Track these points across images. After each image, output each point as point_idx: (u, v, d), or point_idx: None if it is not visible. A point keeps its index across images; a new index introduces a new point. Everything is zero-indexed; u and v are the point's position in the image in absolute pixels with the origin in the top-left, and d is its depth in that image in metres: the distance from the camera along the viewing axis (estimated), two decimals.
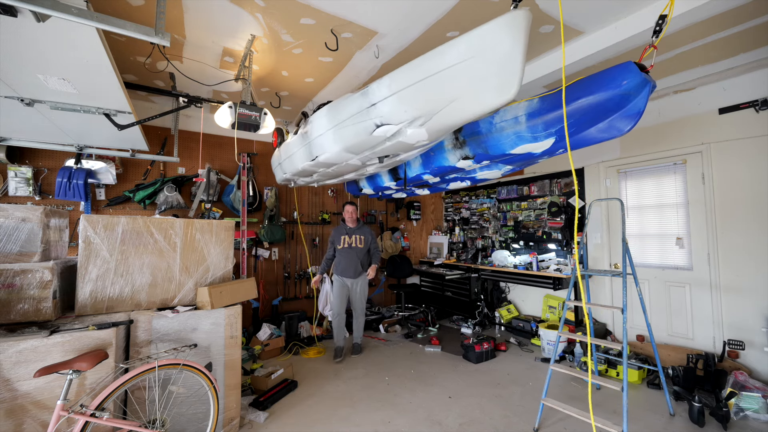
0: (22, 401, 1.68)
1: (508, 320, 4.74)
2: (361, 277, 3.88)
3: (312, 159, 2.68)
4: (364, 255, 3.88)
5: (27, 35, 1.44)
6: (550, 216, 4.56)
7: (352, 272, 3.79)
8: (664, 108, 3.53)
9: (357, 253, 3.83)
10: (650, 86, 1.71)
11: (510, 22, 1.35)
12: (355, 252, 3.82)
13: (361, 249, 3.85)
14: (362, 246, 3.85)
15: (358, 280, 3.86)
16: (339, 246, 3.83)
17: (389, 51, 2.74)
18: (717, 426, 2.45)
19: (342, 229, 3.88)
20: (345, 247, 3.81)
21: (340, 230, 3.89)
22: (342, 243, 3.82)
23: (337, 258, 3.88)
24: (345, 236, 3.83)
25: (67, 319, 2.02)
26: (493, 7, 2.20)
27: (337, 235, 3.87)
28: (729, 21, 2.29)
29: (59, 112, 2.18)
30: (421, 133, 1.90)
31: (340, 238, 3.84)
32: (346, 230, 3.86)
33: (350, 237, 3.82)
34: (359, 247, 3.84)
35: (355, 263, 3.80)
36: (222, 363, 2.32)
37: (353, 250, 3.81)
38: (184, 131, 4.05)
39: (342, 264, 3.82)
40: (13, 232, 1.96)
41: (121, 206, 3.77)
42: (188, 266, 2.40)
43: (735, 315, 3.08)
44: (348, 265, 3.79)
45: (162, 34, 1.59)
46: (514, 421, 2.55)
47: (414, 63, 1.69)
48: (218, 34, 2.52)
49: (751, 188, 3.00)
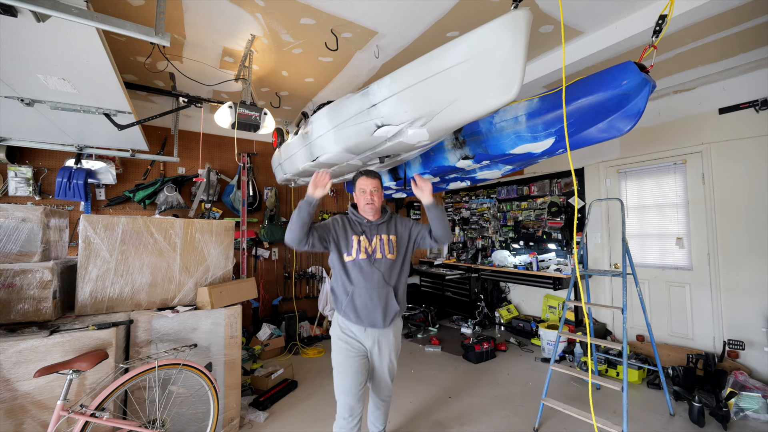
0: (22, 401, 1.68)
1: (508, 320, 4.74)
2: (395, 323, 1.97)
3: (313, 160, 2.67)
4: (398, 274, 1.96)
5: (27, 35, 1.44)
6: (550, 216, 4.56)
7: (379, 316, 1.87)
8: (664, 108, 3.53)
9: (386, 271, 1.90)
10: (650, 86, 1.71)
11: (510, 22, 1.35)
12: (382, 269, 1.89)
13: (394, 262, 1.93)
14: (395, 255, 1.93)
15: (387, 331, 1.94)
16: (347, 256, 1.91)
17: (389, 51, 2.74)
18: (717, 426, 2.45)
19: (350, 224, 1.98)
20: (360, 260, 1.89)
21: (345, 225, 1.97)
22: (353, 250, 1.90)
23: (338, 281, 1.95)
24: (359, 237, 1.92)
25: (67, 319, 2.02)
26: (494, 7, 2.20)
27: (342, 232, 1.94)
28: (729, 21, 2.29)
29: (59, 112, 2.18)
30: (422, 134, 1.90)
31: (349, 240, 1.92)
32: (361, 226, 1.96)
33: (371, 238, 1.93)
34: (389, 258, 1.91)
35: (383, 296, 1.88)
36: (222, 363, 2.32)
37: (379, 265, 1.89)
38: (184, 131, 4.05)
39: (355, 297, 1.88)
40: (13, 232, 1.96)
41: (121, 206, 3.77)
42: (188, 266, 2.40)
43: (735, 315, 3.08)
44: (367, 301, 1.87)
45: (162, 34, 1.59)
46: (514, 421, 2.55)
47: (414, 63, 1.69)
48: (218, 34, 2.52)
49: (751, 188, 3.00)
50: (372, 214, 1.96)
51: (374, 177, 1.96)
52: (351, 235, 1.93)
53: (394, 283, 1.93)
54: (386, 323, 1.89)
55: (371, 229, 1.96)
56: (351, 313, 1.89)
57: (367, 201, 1.93)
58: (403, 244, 1.99)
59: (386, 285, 1.90)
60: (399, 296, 1.95)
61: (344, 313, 1.91)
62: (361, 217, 1.98)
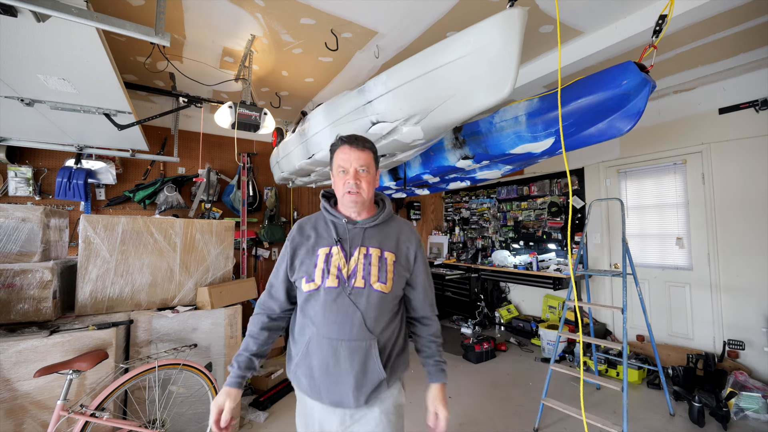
0: (22, 401, 1.68)
1: (508, 320, 4.73)
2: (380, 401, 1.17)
3: (309, 157, 2.67)
4: (391, 318, 1.17)
5: (27, 35, 1.43)
6: (550, 216, 4.56)
7: (348, 387, 1.09)
8: (664, 108, 3.53)
9: (369, 310, 1.11)
10: (650, 86, 1.71)
11: (505, 20, 1.35)
12: (363, 306, 1.10)
13: (385, 297, 1.13)
14: (388, 286, 1.14)
15: (366, 416, 1.15)
16: (306, 282, 1.13)
17: (389, 51, 2.74)
18: (717, 426, 2.45)
19: (315, 230, 1.22)
20: (327, 289, 1.11)
21: (309, 234, 1.21)
22: (316, 272, 1.13)
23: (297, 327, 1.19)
24: (329, 250, 1.15)
25: (67, 319, 2.02)
26: (494, 6, 2.20)
27: (304, 249, 1.18)
28: (729, 21, 2.29)
29: (59, 112, 2.18)
30: (416, 132, 1.89)
31: (313, 257, 1.15)
32: (336, 231, 1.19)
33: (349, 252, 1.15)
34: (377, 290, 1.12)
35: (358, 353, 1.09)
36: (222, 363, 2.32)
37: (358, 298, 1.11)
38: (184, 131, 4.05)
39: (311, 351, 1.11)
40: (13, 232, 1.96)
41: (121, 206, 3.76)
42: (188, 266, 2.40)
43: (735, 315, 3.08)
44: (329, 359, 1.09)
45: (162, 34, 1.58)
46: (514, 421, 2.55)
47: (410, 60, 1.68)
48: (218, 34, 2.52)
49: (751, 188, 3.00)
50: (356, 209, 1.18)
51: (363, 147, 1.17)
52: (317, 248, 1.15)
53: (381, 331, 1.11)
54: (360, 401, 1.09)
55: (352, 237, 1.16)
56: (303, 377, 1.12)
57: (350, 188, 1.13)
58: (403, 271, 1.19)
59: (366, 334, 1.08)
60: (390, 356, 1.15)
61: (294, 376, 1.16)
62: (337, 215, 1.18)
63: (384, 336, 1.14)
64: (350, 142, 1.18)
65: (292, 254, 1.19)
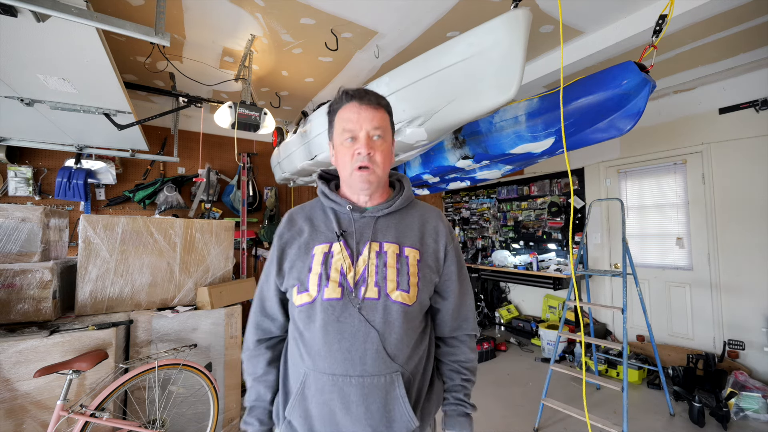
0: (22, 401, 1.68)
1: (508, 320, 4.73)
2: None
3: (311, 158, 2.67)
4: (419, 339, 0.85)
5: (27, 35, 1.43)
6: (550, 216, 4.56)
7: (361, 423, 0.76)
8: (664, 108, 3.53)
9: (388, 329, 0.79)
10: (650, 86, 1.71)
11: (510, 21, 1.35)
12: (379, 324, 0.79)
13: (409, 310, 0.81)
14: (413, 295, 0.82)
15: None
16: (298, 293, 0.84)
17: (389, 51, 2.74)
18: (717, 426, 2.45)
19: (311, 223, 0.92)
20: (326, 302, 0.80)
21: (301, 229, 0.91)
22: (311, 278, 0.83)
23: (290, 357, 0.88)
24: (328, 247, 0.85)
25: (67, 319, 2.02)
26: (494, 7, 2.20)
27: (296, 247, 0.89)
28: (729, 21, 2.29)
29: (59, 112, 2.18)
30: (420, 133, 1.90)
31: (307, 258, 0.85)
32: (338, 221, 0.89)
33: (356, 249, 0.84)
34: (396, 301, 0.80)
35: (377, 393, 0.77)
36: (222, 363, 2.32)
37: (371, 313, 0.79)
38: (184, 131, 4.05)
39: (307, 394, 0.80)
40: (13, 232, 1.96)
41: (121, 206, 3.76)
42: (188, 266, 2.40)
43: (735, 315, 3.07)
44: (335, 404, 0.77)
45: (162, 34, 1.58)
46: (514, 421, 2.55)
47: (413, 62, 1.69)
48: (218, 34, 2.52)
49: (751, 188, 3.00)
50: (368, 191, 0.88)
51: (378, 104, 0.87)
52: (312, 246, 0.87)
53: (406, 360, 0.82)
54: None
55: (360, 229, 0.87)
56: (300, 429, 0.83)
57: (361, 161, 0.84)
58: (431, 274, 0.87)
59: (386, 365, 0.79)
60: (420, 395, 0.85)
61: (288, 427, 0.85)
62: (339, 201, 0.90)
63: (410, 366, 0.81)
64: (359, 98, 0.84)
65: (280, 255, 0.90)
